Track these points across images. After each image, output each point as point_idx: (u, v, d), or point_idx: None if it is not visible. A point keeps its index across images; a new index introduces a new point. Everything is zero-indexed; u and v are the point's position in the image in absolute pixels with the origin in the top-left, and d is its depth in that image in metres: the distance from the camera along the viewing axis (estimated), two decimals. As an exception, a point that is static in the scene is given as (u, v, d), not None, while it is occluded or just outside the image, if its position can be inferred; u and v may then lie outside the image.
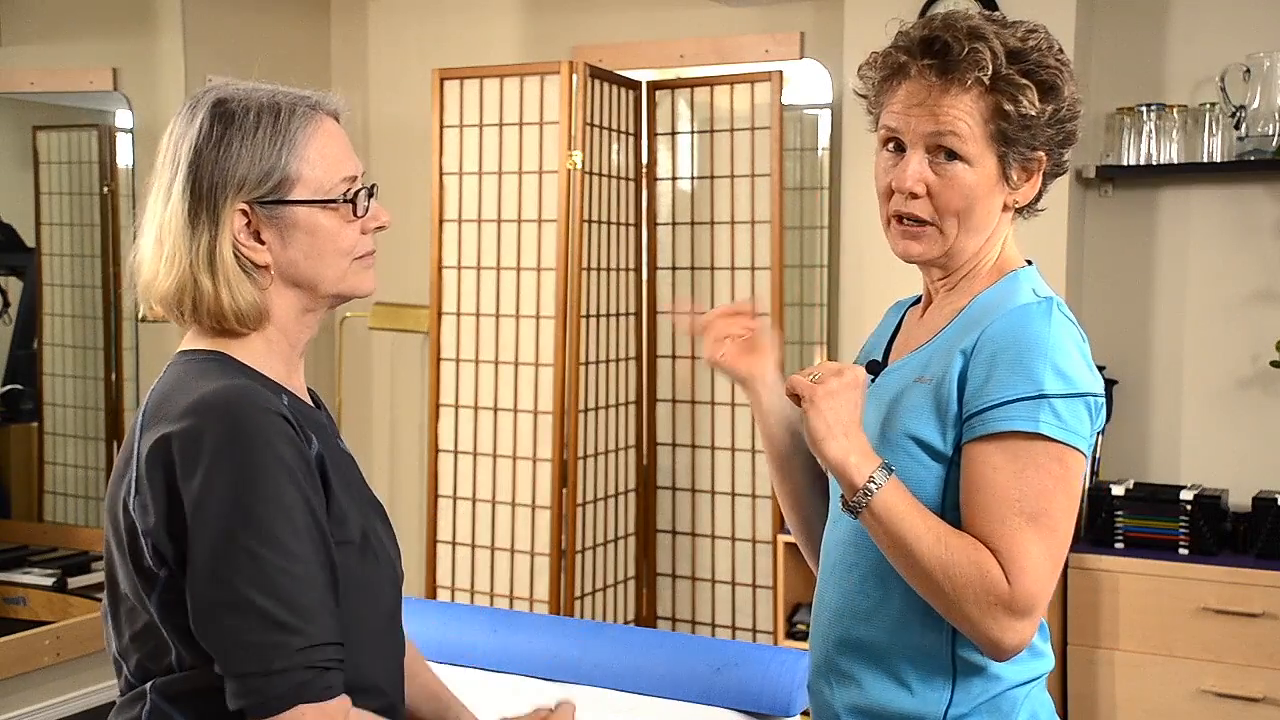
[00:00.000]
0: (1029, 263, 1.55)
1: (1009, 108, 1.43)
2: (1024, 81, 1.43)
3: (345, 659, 1.27)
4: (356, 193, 1.38)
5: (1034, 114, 1.43)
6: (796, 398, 1.43)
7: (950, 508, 1.43)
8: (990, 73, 1.42)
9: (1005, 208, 1.50)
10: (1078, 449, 1.39)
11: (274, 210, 1.33)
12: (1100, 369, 1.50)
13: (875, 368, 1.57)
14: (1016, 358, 1.39)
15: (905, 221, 1.48)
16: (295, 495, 1.25)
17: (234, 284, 1.33)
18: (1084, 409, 1.39)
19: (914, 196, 1.46)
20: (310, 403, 1.44)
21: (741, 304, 1.63)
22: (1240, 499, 3.49)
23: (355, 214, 1.37)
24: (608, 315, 3.90)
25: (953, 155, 1.44)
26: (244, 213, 1.33)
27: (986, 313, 1.45)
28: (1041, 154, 1.47)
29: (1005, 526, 1.37)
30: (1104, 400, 1.44)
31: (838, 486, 1.54)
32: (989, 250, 1.51)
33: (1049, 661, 1.53)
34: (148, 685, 1.31)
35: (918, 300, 1.63)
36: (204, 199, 1.32)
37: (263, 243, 1.34)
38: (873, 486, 1.39)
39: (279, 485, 1.24)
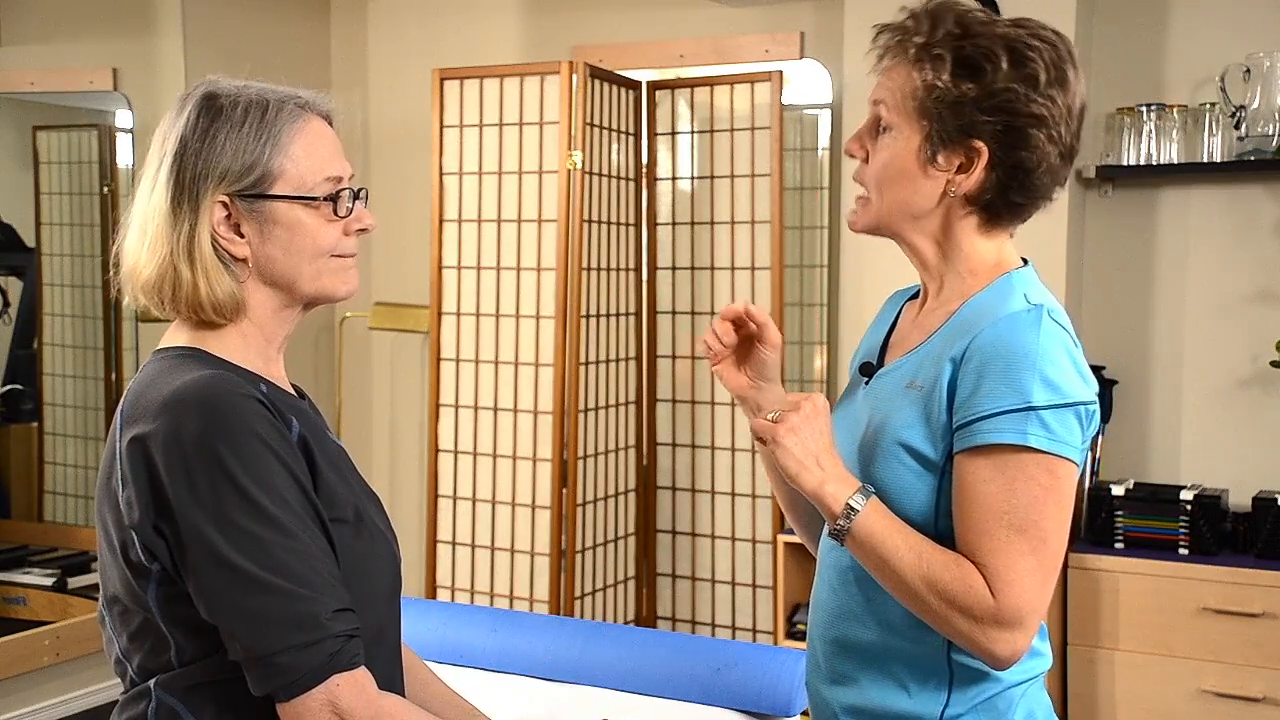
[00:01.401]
0: (1025, 261, 1.52)
1: (920, 79, 1.43)
2: (940, 53, 1.42)
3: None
4: (339, 192, 1.38)
5: (944, 87, 1.41)
6: (763, 440, 1.43)
7: (944, 515, 1.43)
8: (920, 42, 1.43)
9: (944, 195, 1.45)
10: (1068, 459, 1.38)
11: (254, 204, 1.34)
12: (1100, 369, 1.50)
13: (869, 369, 1.57)
14: (1004, 368, 1.37)
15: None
16: (282, 472, 1.27)
17: (212, 275, 1.33)
18: (1074, 418, 1.38)
19: (858, 160, 1.51)
20: (292, 393, 1.44)
21: (730, 311, 1.57)
22: (1240, 499, 3.49)
23: (336, 213, 1.38)
24: (608, 315, 3.90)
25: (888, 126, 1.47)
26: (224, 205, 1.34)
27: (978, 319, 1.43)
28: (978, 144, 1.42)
29: (993, 540, 1.37)
30: (1097, 407, 1.43)
31: None
32: (954, 250, 1.48)
33: (1047, 661, 1.52)
34: (151, 682, 1.32)
35: (916, 294, 1.61)
36: (186, 189, 1.33)
37: (242, 236, 1.35)
38: (851, 513, 1.39)
39: (265, 464, 1.25)
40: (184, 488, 1.23)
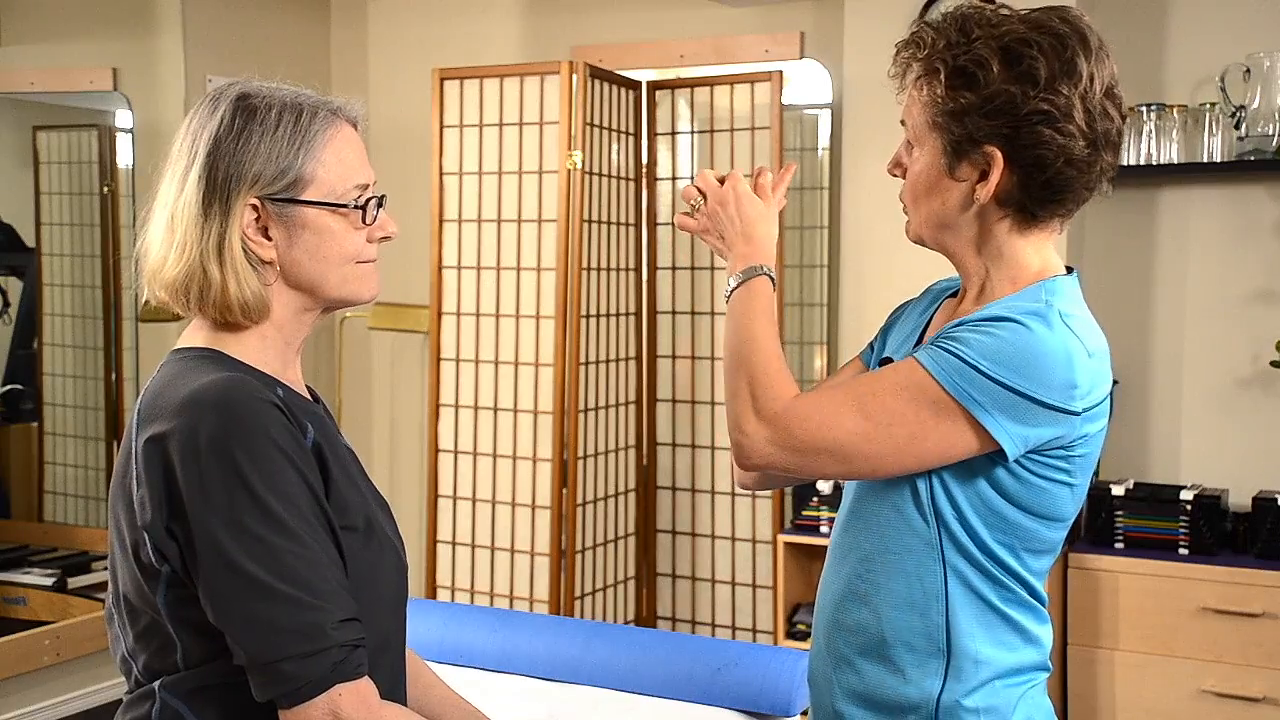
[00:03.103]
0: (1070, 270, 1.51)
1: (926, 94, 1.45)
2: (937, 67, 1.43)
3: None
4: (368, 200, 1.39)
5: (943, 100, 1.43)
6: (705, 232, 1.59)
7: (931, 506, 1.44)
8: (922, 57, 1.45)
9: (972, 202, 1.46)
10: (976, 422, 1.37)
11: (284, 208, 1.34)
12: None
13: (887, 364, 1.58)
14: (984, 332, 1.38)
15: None
16: (296, 479, 1.27)
17: (242, 276, 1.33)
18: (1020, 409, 1.37)
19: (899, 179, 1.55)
20: (308, 397, 1.44)
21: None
22: (1240, 499, 3.49)
23: (364, 221, 1.39)
24: (608, 315, 3.90)
25: (913, 143, 1.50)
26: (254, 208, 1.34)
27: (997, 307, 1.44)
28: (990, 149, 1.42)
29: (835, 399, 1.41)
30: (1068, 421, 1.39)
31: (850, 485, 1.55)
32: (996, 256, 1.48)
33: (1042, 654, 1.52)
34: (156, 684, 1.32)
35: (955, 291, 1.60)
36: (218, 189, 1.33)
37: (270, 239, 1.35)
38: (739, 282, 1.51)
39: (279, 471, 1.25)
40: (197, 490, 1.23)
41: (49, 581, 4.08)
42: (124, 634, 1.36)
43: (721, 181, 1.59)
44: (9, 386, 4.28)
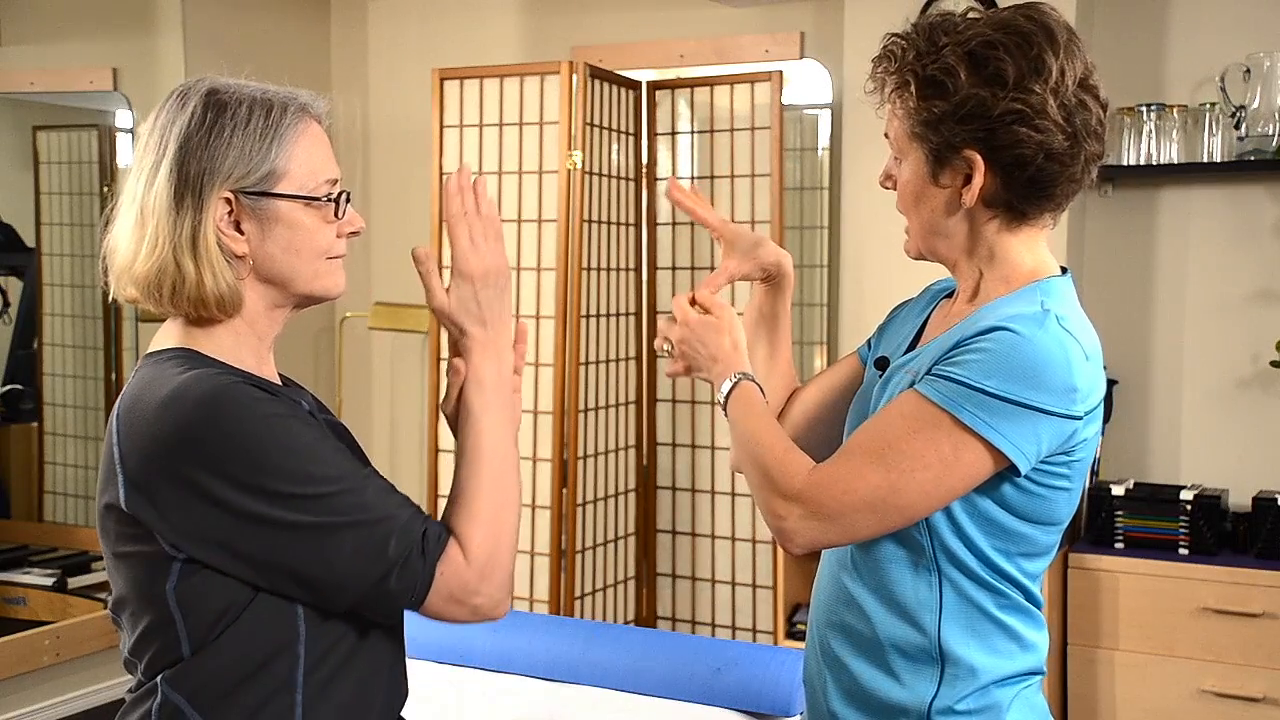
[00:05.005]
0: (1064, 270, 1.52)
1: (901, 106, 1.46)
2: (907, 79, 1.45)
3: (346, 623, 1.33)
4: (339, 195, 1.40)
5: (917, 110, 1.44)
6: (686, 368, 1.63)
7: (939, 517, 1.44)
8: (893, 70, 1.47)
9: (953, 209, 1.47)
10: (993, 446, 1.37)
11: (258, 202, 1.35)
12: (1100, 369, 1.49)
13: (883, 363, 1.58)
14: (982, 349, 1.38)
15: None
16: (305, 431, 1.29)
17: (217, 268, 1.34)
18: (1028, 422, 1.37)
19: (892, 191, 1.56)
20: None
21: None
22: (1240, 499, 3.50)
23: (336, 215, 1.39)
24: (608, 315, 3.90)
25: (898, 155, 1.51)
26: (227, 201, 1.34)
27: (991, 313, 1.44)
28: (969, 153, 1.43)
29: (854, 456, 1.42)
30: (1074, 423, 1.40)
31: None
32: (988, 257, 1.49)
33: (1038, 658, 1.52)
34: (158, 679, 1.32)
35: (952, 293, 1.60)
36: (190, 183, 1.33)
37: (242, 233, 1.35)
38: (723, 396, 1.55)
39: (286, 433, 1.27)
40: (213, 482, 1.24)
41: (49, 581, 4.08)
42: (126, 636, 1.37)
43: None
44: (9, 386, 4.28)
